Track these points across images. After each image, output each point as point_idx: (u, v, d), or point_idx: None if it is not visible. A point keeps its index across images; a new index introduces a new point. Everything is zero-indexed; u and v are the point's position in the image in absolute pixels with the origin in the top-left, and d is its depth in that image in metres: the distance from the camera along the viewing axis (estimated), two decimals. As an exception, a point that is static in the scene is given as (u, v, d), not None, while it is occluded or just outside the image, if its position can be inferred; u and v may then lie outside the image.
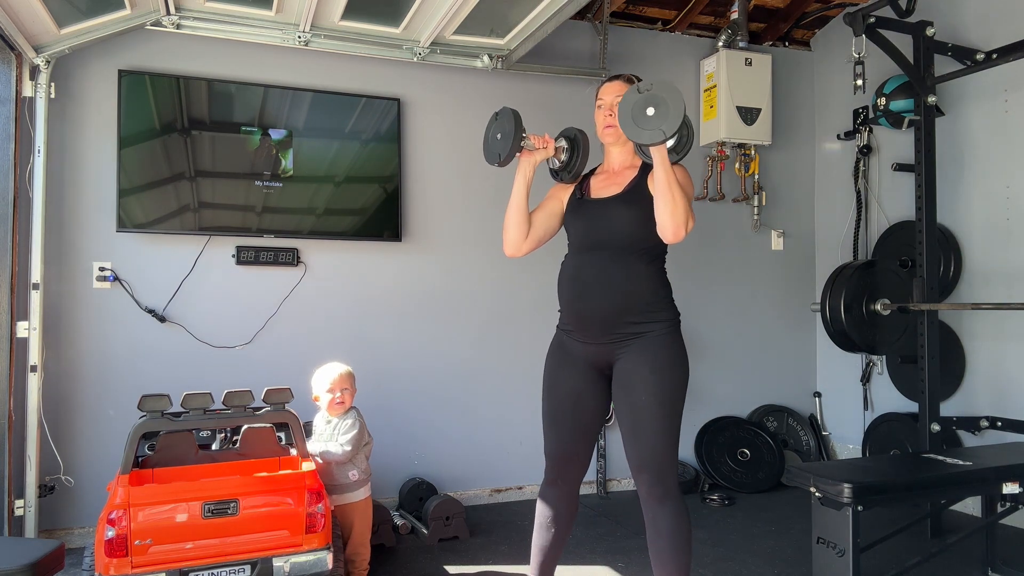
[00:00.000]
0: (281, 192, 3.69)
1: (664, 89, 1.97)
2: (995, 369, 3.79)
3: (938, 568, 3.03)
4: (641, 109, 1.98)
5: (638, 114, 1.98)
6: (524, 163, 2.33)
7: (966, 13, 3.89)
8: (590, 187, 2.38)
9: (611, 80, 2.37)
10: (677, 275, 4.47)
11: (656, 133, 1.96)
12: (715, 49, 4.47)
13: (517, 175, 2.34)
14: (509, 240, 2.38)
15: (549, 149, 2.34)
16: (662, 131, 1.96)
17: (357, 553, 2.91)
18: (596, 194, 2.34)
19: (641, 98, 1.98)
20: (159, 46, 3.56)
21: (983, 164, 3.86)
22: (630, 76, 2.36)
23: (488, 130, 2.38)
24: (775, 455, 4.44)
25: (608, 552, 3.32)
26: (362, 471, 2.92)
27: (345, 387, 2.91)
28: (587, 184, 2.40)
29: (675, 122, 1.94)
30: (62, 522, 3.40)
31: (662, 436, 2.15)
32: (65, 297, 3.42)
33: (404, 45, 3.80)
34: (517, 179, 2.34)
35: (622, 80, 2.35)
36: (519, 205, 2.34)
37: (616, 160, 2.38)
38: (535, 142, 2.31)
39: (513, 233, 2.36)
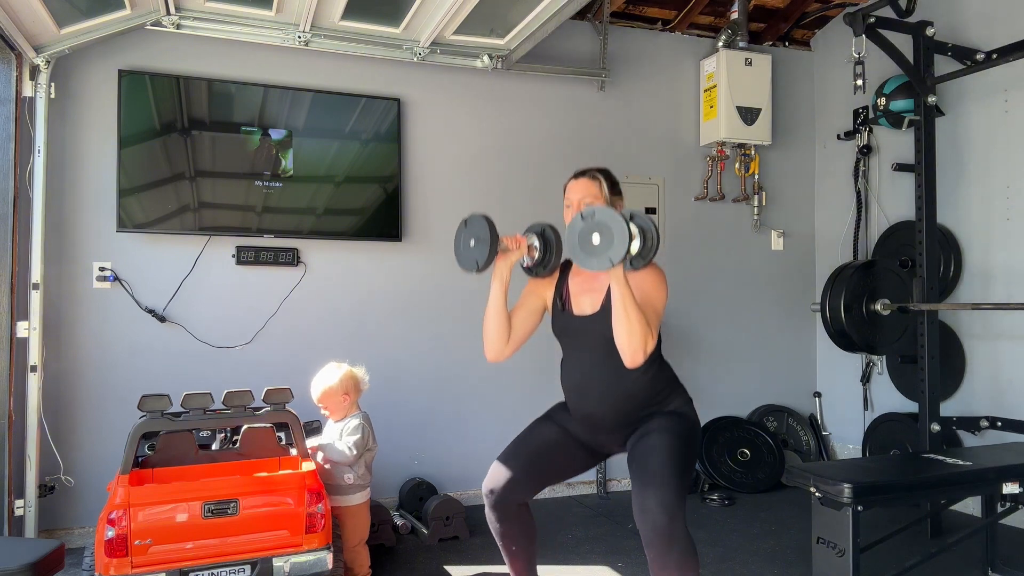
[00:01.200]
0: (281, 192, 3.69)
1: (606, 216, 1.96)
2: (995, 369, 3.79)
3: (938, 568, 3.03)
4: (587, 237, 1.98)
5: (584, 242, 1.98)
6: (500, 267, 2.25)
7: (966, 13, 3.89)
8: (569, 293, 2.34)
9: (576, 178, 2.34)
10: (677, 275, 4.51)
11: (603, 261, 1.96)
12: (715, 49, 4.47)
13: (493, 280, 2.26)
14: (491, 347, 2.30)
15: (523, 249, 2.28)
16: (609, 259, 1.95)
17: (353, 560, 2.89)
18: (577, 305, 2.30)
19: (585, 226, 1.98)
20: (159, 46, 3.56)
21: (983, 164, 3.86)
22: (595, 173, 2.31)
23: (458, 236, 2.31)
24: (775, 455, 4.44)
25: (608, 552, 3.32)
26: (359, 476, 2.88)
27: (323, 403, 2.91)
28: (566, 289, 2.35)
29: (620, 250, 1.93)
30: (62, 522, 3.40)
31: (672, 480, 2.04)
32: (65, 297, 3.42)
33: (404, 45, 3.80)
34: (494, 285, 2.26)
35: (587, 178, 2.31)
36: (498, 310, 2.27)
37: None
38: (508, 244, 2.25)
39: (495, 340, 2.29)
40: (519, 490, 2.29)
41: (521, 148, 4.23)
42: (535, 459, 2.31)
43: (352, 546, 2.89)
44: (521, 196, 4.21)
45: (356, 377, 2.97)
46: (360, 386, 2.98)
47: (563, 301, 2.34)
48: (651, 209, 4.49)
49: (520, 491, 2.29)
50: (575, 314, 2.30)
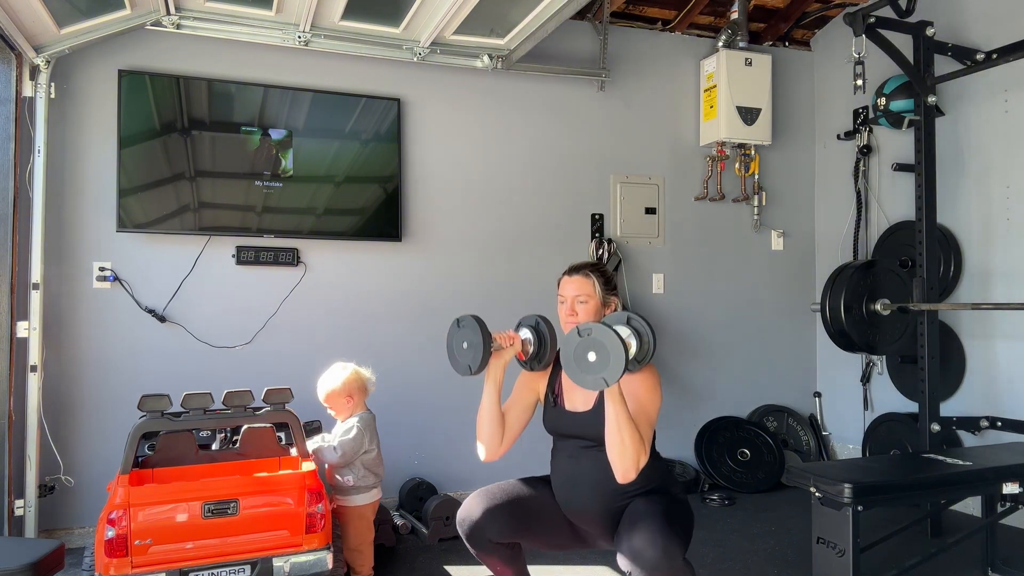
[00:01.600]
0: (281, 192, 3.69)
1: (603, 336, 1.90)
2: (995, 369, 3.79)
3: (938, 568, 3.03)
4: (583, 353, 1.93)
5: (580, 358, 1.93)
6: (494, 367, 2.22)
7: (966, 13, 3.89)
8: (561, 388, 2.31)
9: (570, 274, 2.31)
10: (677, 275, 4.51)
11: (598, 381, 1.91)
12: (715, 49, 4.47)
13: (487, 382, 2.23)
14: (486, 449, 2.25)
15: (516, 345, 2.25)
16: (603, 379, 1.91)
17: (354, 560, 2.89)
18: (569, 401, 2.27)
19: (582, 343, 1.94)
20: (159, 46, 3.56)
21: (983, 164, 3.86)
22: (588, 271, 2.29)
23: (451, 336, 2.28)
24: (775, 455, 4.44)
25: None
26: (358, 477, 2.87)
27: (328, 404, 2.93)
28: (559, 384, 2.32)
29: (616, 372, 1.88)
30: (62, 522, 3.40)
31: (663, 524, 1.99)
32: (65, 297, 3.42)
33: (404, 45, 3.80)
34: (487, 386, 2.23)
35: (581, 275, 2.28)
36: (492, 412, 2.23)
37: None
38: (501, 341, 2.22)
39: (490, 442, 2.24)
40: (494, 527, 2.18)
41: (521, 148, 4.23)
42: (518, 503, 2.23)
43: (353, 547, 2.88)
44: (521, 196, 4.21)
45: (362, 378, 2.97)
46: (366, 387, 2.99)
47: (555, 396, 2.30)
48: (651, 209, 4.49)
49: (495, 529, 2.18)
50: (567, 410, 2.27)
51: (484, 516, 2.19)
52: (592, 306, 2.26)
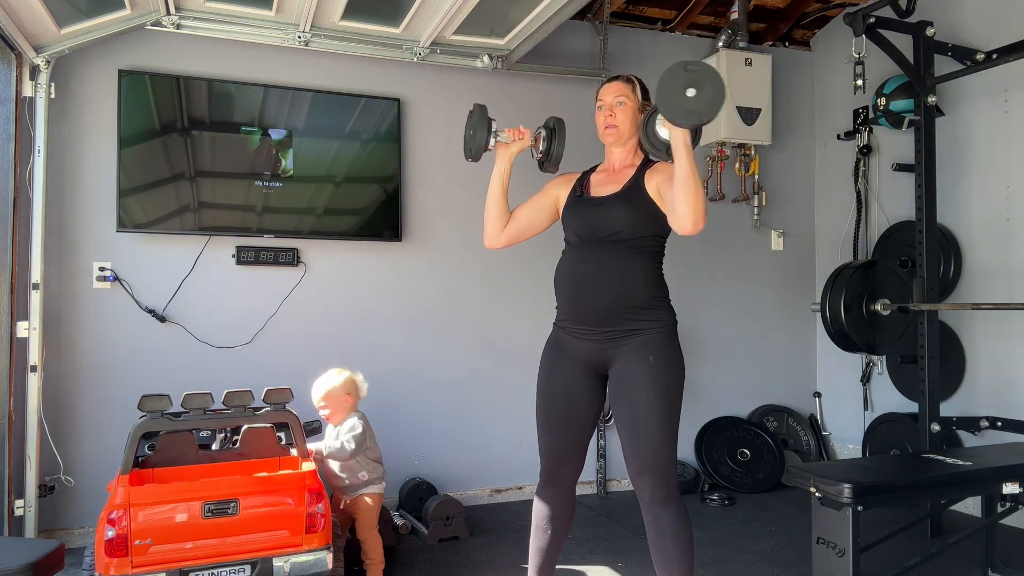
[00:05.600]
0: (281, 192, 3.69)
1: (711, 76, 1.87)
2: (995, 369, 3.79)
3: (938, 568, 3.03)
4: (681, 88, 1.88)
5: (677, 92, 1.88)
6: (499, 156, 2.38)
7: (966, 13, 3.89)
8: (590, 184, 2.37)
9: (611, 81, 2.36)
10: (677, 275, 4.49)
11: (692, 116, 1.87)
12: (715, 49, 4.47)
13: (494, 171, 2.39)
14: (487, 232, 2.44)
15: (525, 140, 2.35)
16: (698, 115, 1.86)
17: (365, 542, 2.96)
18: (595, 192, 2.33)
19: (686, 77, 1.88)
20: (159, 46, 3.56)
21: (983, 164, 3.86)
22: (630, 76, 2.35)
23: (466, 128, 2.40)
24: (775, 455, 4.44)
25: (608, 552, 3.32)
26: (370, 472, 2.97)
27: (324, 406, 2.97)
28: (587, 182, 2.38)
29: (714, 109, 1.85)
30: (62, 522, 3.40)
31: (662, 438, 2.13)
32: (65, 297, 3.42)
33: (404, 45, 3.80)
34: (494, 172, 2.38)
35: (622, 80, 2.34)
36: (496, 199, 2.40)
37: (617, 160, 2.36)
38: (509, 135, 2.33)
39: (488, 226, 2.42)
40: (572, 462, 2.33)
41: (521, 148, 4.23)
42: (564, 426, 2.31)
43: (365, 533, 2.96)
44: (522, 196, 4.20)
45: (356, 382, 3.04)
46: (359, 391, 3.05)
47: (583, 189, 2.36)
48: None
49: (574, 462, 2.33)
50: (591, 196, 2.32)
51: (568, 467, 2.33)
52: (630, 108, 2.31)
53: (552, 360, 2.36)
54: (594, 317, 2.22)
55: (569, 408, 2.30)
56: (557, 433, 2.32)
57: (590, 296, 2.21)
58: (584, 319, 2.25)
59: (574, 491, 2.40)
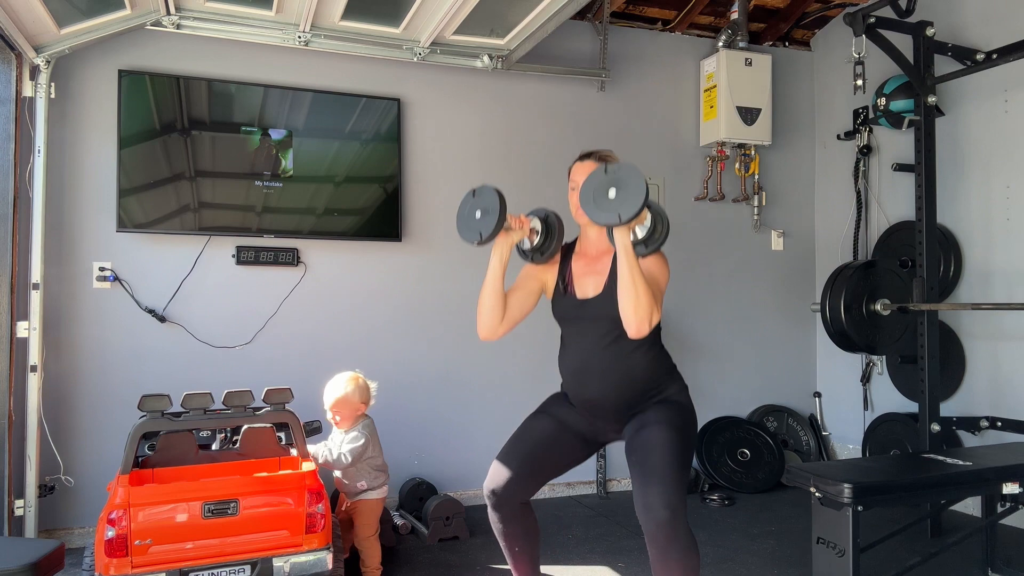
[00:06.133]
0: (281, 192, 3.69)
1: (629, 173, 1.93)
2: (995, 369, 3.79)
3: (938, 568, 3.03)
4: (604, 190, 1.95)
5: (600, 195, 1.95)
6: (501, 244, 2.23)
7: (966, 13, 3.89)
8: (572, 276, 2.33)
9: (582, 160, 2.33)
10: (677, 275, 4.50)
11: (612, 216, 1.93)
12: (715, 49, 4.47)
13: (493, 257, 2.24)
14: (485, 325, 2.27)
15: (525, 229, 2.27)
16: (618, 215, 1.92)
17: (363, 549, 2.96)
18: (579, 288, 2.29)
19: (605, 179, 1.95)
20: (159, 46, 3.56)
21: (983, 164, 3.86)
22: (602, 155, 2.31)
23: (464, 205, 2.27)
24: (775, 455, 4.44)
25: (608, 552, 3.32)
26: (370, 480, 2.96)
27: (338, 411, 2.94)
28: (569, 272, 2.34)
29: (633, 207, 1.89)
30: (62, 522, 3.40)
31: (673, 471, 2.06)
32: (65, 297, 3.42)
33: (404, 45, 3.80)
34: (493, 261, 2.24)
35: (593, 159, 2.30)
36: (496, 288, 2.24)
37: (593, 244, 2.34)
38: (512, 223, 2.23)
39: (489, 317, 2.26)
40: (521, 488, 2.27)
41: (521, 148, 4.23)
42: (533, 455, 2.30)
43: (364, 536, 2.95)
44: (521, 196, 4.20)
45: (370, 389, 3.03)
46: (370, 396, 3.04)
47: (565, 284, 2.33)
48: (651, 209, 4.49)
49: (522, 489, 2.28)
50: (577, 297, 2.29)
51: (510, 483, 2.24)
52: None
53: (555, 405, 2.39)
54: (602, 408, 2.26)
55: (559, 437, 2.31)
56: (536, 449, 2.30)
57: (596, 390, 2.23)
58: (593, 412, 2.29)
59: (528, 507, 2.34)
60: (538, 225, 2.32)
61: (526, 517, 2.33)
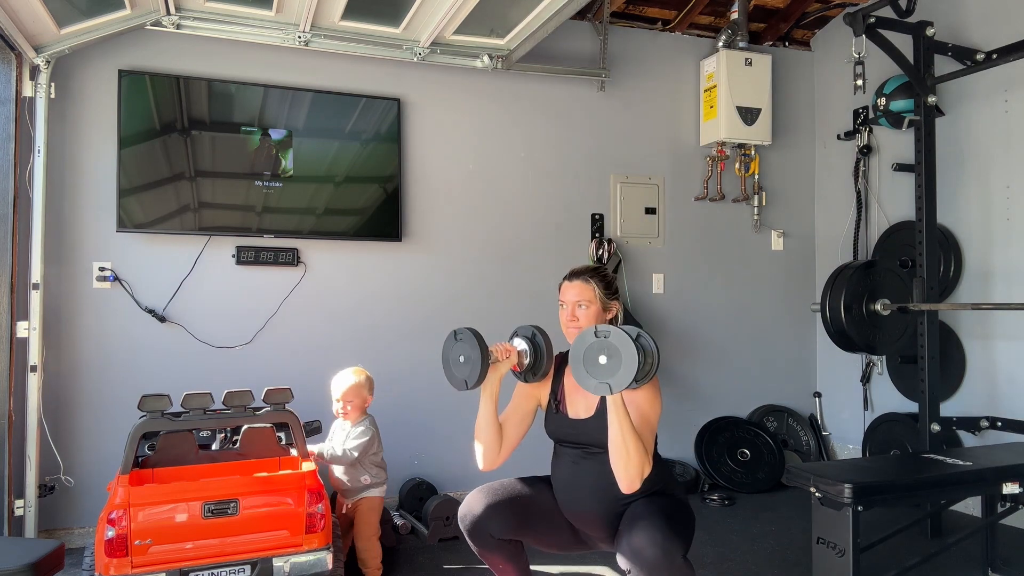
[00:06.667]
0: (281, 192, 3.69)
1: (620, 342, 1.87)
2: (995, 369, 3.79)
3: (938, 568, 3.03)
4: (594, 355, 1.90)
5: (589, 360, 1.90)
6: (490, 379, 2.18)
7: (966, 13, 3.89)
8: (564, 394, 2.30)
9: (570, 279, 2.29)
10: (677, 275, 4.51)
11: (602, 386, 1.89)
12: (715, 49, 4.47)
13: (483, 393, 2.20)
14: (485, 458, 2.24)
15: (512, 358, 2.22)
16: (608, 385, 1.88)
17: (365, 550, 2.95)
18: (571, 407, 2.26)
19: (596, 343, 1.90)
20: (159, 46, 3.56)
21: (983, 164, 3.86)
22: (588, 276, 2.27)
23: (447, 350, 2.24)
24: (775, 455, 4.44)
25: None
26: (373, 476, 2.97)
27: (350, 399, 2.95)
28: (561, 390, 2.31)
29: (624, 380, 1.85)
30: (62, 522, 3.40)
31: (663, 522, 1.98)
32: (65, 297, 3.42)
33: (404, 45, 3.80)
34: (484, 399, 2.20)
35: (581, 281, 2.26)
36: (489, 423, 2.21)
37: None
38: (497, 354, 2.20)
39: (488, 453, 2.23)
40: (495, 523, 2.18)
41: (521, 148, 4.23)
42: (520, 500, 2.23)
43: (366, 537, 2.95)
44: (521, 196, 4.21)
45: (373, 382, 3.06)
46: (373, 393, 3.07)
47: (557, 403, 2.29)
48: (651, 209, 4.49)
49: (496, 525, 2.18)
50: (569, 416, 2.26)
51: (486, 512, 2.18)
52: (593, 311, 2.25)
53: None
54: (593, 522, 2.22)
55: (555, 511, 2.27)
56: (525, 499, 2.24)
57: (589, 510, 2.20)
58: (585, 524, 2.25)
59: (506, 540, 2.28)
60: (525, 347, 2.26)
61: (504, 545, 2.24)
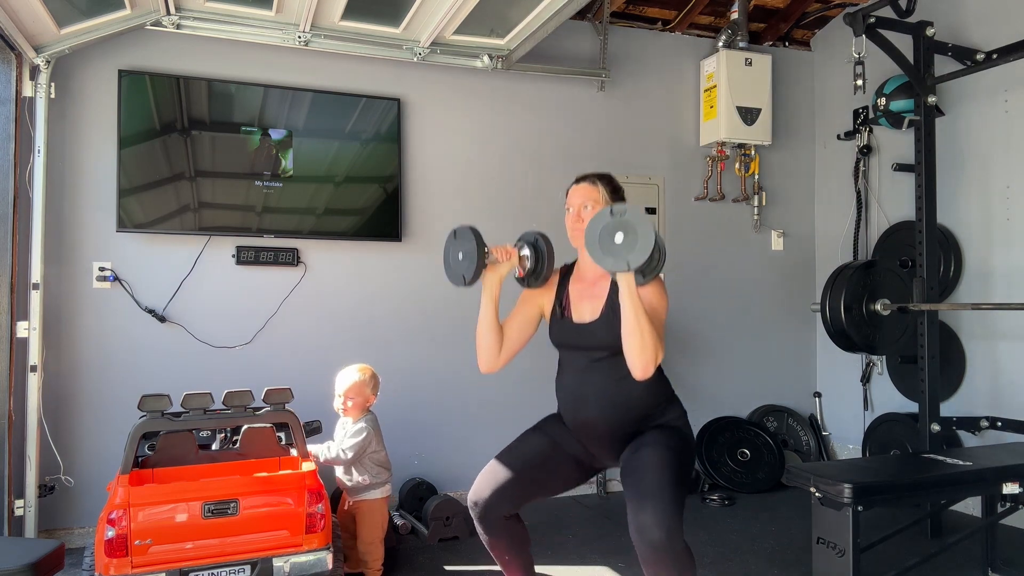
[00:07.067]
0: (281, 192, 3.69)
1: (637, 219, 1.88)
2: (995, 369, 3.79)
3: (938, 568, 3.03)
4: (610, 234, 1.90)
5: (605, 239, 1.90)
6: (489, 279, 2.23)
7: (966, 13, 3.89)
8: (569, 300, 2.30)
9: (578, 183, 2.31)
10: (678, 275, 4.51)
11: (620, 262, 1.89)
12: (715, 49, 4.47)
13: (484, 293, 2.24)
14: (484, 360, 2.29)
15: (513, 260, 2.25)
16: (627, 262, 1.88)
17: (367, 552, 2.94)
18: (576, 312, 2.26)
19: (612, 222, 1.90)
20: (159, 46, 3.56)
21: (983, 164, 3.86)
22: (595, 178, 2.29)
23: (447, 248, 2.27)
24: (775, 455, 4.44)
25: (608, 552, 3.32)
26: (372, 476, 2.94)
27: (351, 396, 2.95)
28: (566, 296, 2.31)
29: (641, 255, 1.85)
30: (62, 522, 3.40)
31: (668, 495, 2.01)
32: (65, 297, 3.42)
33: (404, 45, 3.80)
34: (484, 297, 2.24)
35: (587, 183, 2.28)
36: (490, 323, 2.25)
37: (590, 267, 2.28)
38: (498, 255, 2.22)
39: (487, 353, 2.27)
40: (505, 503, 2.23)
41: (521, 148, 4.23)
42: (523, 472, 2.26)
43: (368, 541, 2.93)
44: (521, 196, 4.21)
45: (378, 380, 3.05)
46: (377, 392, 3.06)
47: (562, 308, 2.30)
48: (651, 209, 4.49)
49: (506, 503, 2.24)
50: (574, 321, 2.26)
51: (493, 495, 2.22)
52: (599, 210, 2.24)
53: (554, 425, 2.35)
54: (598, 433, 2.23)
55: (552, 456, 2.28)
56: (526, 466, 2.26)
57: (593, 415, 2.21)
58: (588, 434, 2.25)
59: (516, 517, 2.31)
60: (527, 251, 2.29)
61: (512, 528, 2.29)
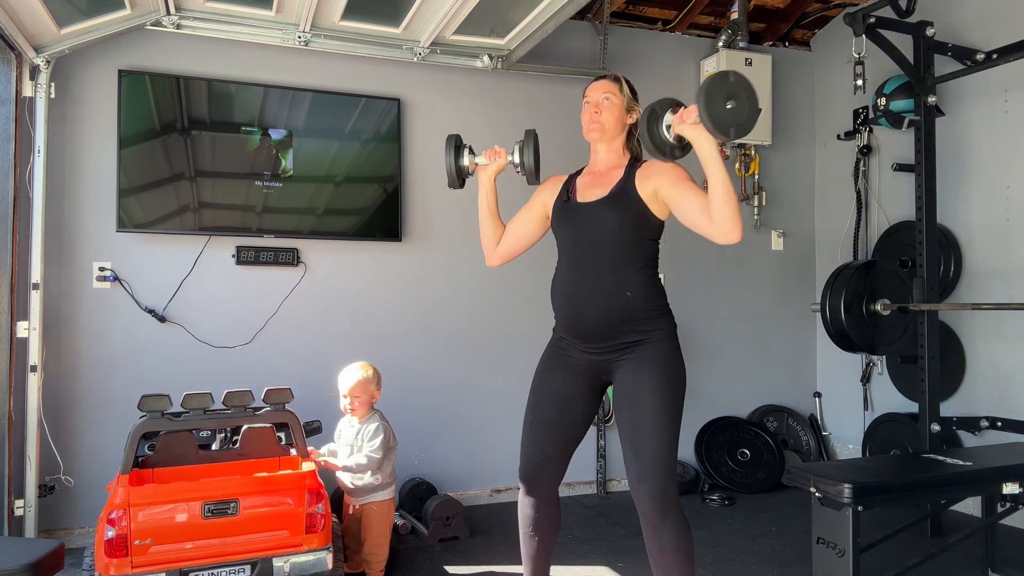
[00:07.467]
0: (281, 192, 3.69)
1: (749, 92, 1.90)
2: (995, 369, 3.79)
3: (938, 568, 3.03)
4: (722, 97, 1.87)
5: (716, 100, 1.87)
6: (481, 179, 2.40)
7: (966, 13, 3.89)
8: (576, 188, 2.32)
9: (599, 79, 2.33)
10: (677, 275, 4.51)
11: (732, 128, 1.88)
12: (715, 49, 4.47)
13: (480, 191, 2.41)
14: (485, 251, 2.49)
15: (502, 158, 2.36)
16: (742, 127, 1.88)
17: (373, 553, 2.93)
18: (582, 196, 2.27)
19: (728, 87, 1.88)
20: (159, 46, 3.56)
21: (983, 164, 3.86)
22: (617, 75, 2.32)
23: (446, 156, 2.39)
24: (775, 455, 4.44)
25: (608, 552, 3.32)
26: (387, 475, 2.94)
27: (357, 395, 2.93)
28: (573, 186, 2.34)
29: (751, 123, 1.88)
30: (62, 522, 3.40)
31: (663, 445, 2.09)
32: (65, 297, 3.42)
33: (404, 45, 3.80)
34: (480, 194, 2.41)
35: (609, 79, 2.30)
36: (484, 217, 2.44)
37: (602, 160, 2.31)
38: (486, 156, 2.36)
39: (484, 242, 2.47)
40: (555, 465, 2.30)
41: (521, 148, 4.23)
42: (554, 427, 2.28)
43: (376, 543, 2.93)
44: (521, 196, 4.20)
45: (380, 377, 3.04)
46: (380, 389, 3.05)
47: (569, 193, 2.33)
48: (651, 209, 4.49)
49: (556, 466, 2.30)
50: (579, 201, 2.28)
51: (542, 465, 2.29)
52: (617, 104, 2.26)
53: (550, 362, 2.33)
54: (593, 333, 2.20)
55: (563, 411, 2.28)
56: (543, 435, 2.28)
57: (588, 314, 2.19)
58: (583, 335, 2.23)
59: (556, 494, 2.35)
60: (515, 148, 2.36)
61: (554, 504, 2.35)
